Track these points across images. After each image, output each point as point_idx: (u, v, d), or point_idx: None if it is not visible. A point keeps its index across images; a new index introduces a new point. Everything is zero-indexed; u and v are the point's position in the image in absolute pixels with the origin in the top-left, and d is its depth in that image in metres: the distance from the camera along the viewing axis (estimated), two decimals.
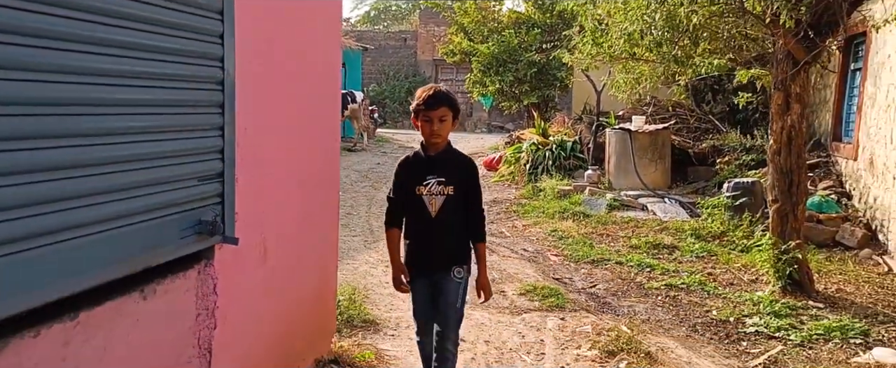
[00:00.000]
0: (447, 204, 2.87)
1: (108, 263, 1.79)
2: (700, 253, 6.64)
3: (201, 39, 2.08)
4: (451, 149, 2.97)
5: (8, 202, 1.46)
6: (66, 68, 1.59)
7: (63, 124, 1.60)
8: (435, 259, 2.95)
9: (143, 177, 1.89)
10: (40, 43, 1.51)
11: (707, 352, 4.22)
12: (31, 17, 1.47)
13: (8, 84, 1.44)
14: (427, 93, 2.85)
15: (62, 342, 1.67)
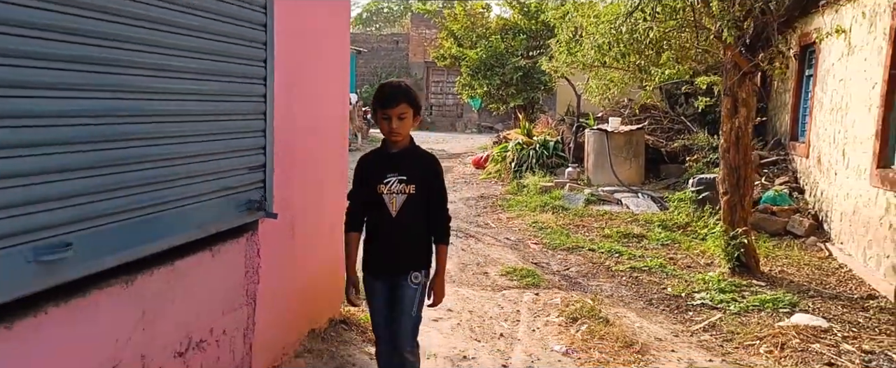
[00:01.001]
0: (408, 203, 2.76)
1: (193, 228, 2.52)
2: (665, 241, 7.39)
3: (254, 65, 2.80)
4: (415, 147, 2.87)
5: (138, 180, 2.18)
6: (168, 90, 2.31)
7: (167, 128, 2.32)
8: (394, 261, 2.84)
9: (213, 166, 2.60)
10: (158, 74, 2.23)
11: (657, 320, 4.96)
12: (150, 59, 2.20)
13: (139, 103, 2.16)
14: (385, 90, 2.74)
15: (165, 280, 2.39)
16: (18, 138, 1.72)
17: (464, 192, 10.67)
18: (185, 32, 2.35)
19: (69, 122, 1.88)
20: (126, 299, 2.20)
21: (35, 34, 1.73)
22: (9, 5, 1.65)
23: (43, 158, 1.79)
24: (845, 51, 7.12)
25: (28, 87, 1.73)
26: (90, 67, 1.93)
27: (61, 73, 1.83)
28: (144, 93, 2.18)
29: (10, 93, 1.69)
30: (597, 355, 4.12)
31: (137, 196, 2.17)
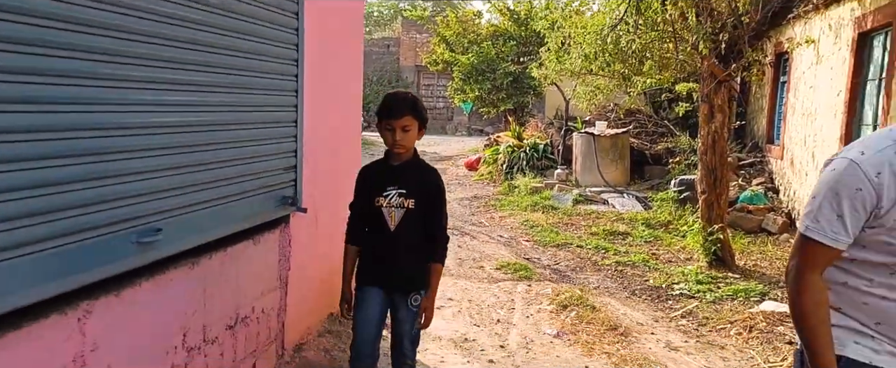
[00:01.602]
0: (407, 218, 2.68)
1: (242, 220, 2.96)
2: (648, 238, 7.88)
3: (288, 79, 3.24)
4: (417, 160, 2.78)
5: (206, 179, 2.62)
6: (224, 103, 2.75)
7: (226, 135, 2.76)
8: (392, 278, 2.76)
9: (257, 168, 3.05)
10: (209, 92, 2.67)
11: (640, 308, 5.44)
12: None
13: (209, 115, 2.60)
14: (390, 100, 2.67)
15: (220, 263, 2.83)
16: (128, 144, 2.15)
17: (458, 193, 11.13)
18: (241, 56, 2.80)
19: (163, 132, 2.32)
20: (193, 277, 2.64)
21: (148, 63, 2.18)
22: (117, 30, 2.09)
23: (143, 160, 2.23)
24: (815, 60, 7.65)
25: (132, 104, 2.17)
26: (177, 92, 2.37)
27: (166, 94, 2.27)
28: (211, 109, 2.62)
29: (130, 109, 2.13)
30: (585, 337, 4.59)
31: (205, 192, 2.62)
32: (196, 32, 2.48)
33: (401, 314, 2.78)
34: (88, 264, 2.05)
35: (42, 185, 1.85)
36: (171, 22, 2.33)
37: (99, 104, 2.04)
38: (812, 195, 1.72)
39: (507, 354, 4.28)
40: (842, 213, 1.63)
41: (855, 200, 1.62)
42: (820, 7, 7.32)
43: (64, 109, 1.91)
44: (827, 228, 1.65)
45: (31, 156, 1.81)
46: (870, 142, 1.66)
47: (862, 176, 1.60)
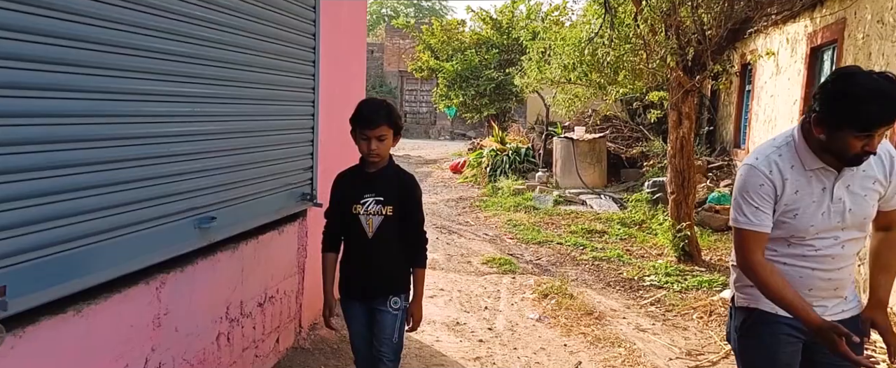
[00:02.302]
0: (385, 225, 2.68)
1: (271, 213, 3.46)
2: (623, 236, 8.45)
3: (306, 91, 3.75)
4: (393, 166, 2.77)
5: (248, 177, 3.12)
6: (259, 112, 3.25)
7: (262, 141, 3.26)
8: (372, 284, 2.76)
9: (283, 168, 3.55)
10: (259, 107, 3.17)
11: (614, 296, 5.99)
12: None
13: (249, 124, 3.10)
14: (365, 109, 2.62)
15: (254, 249, 3.33)
16: (188, 149, 2.65)
17: (444, 194, 11.66)
18: (270, 73, 3.30)
19: (212, 138, 2.82)
20: (234, 260, 3.13)
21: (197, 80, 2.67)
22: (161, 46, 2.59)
23: (199, 162, 2.73)
24: (775, 71, 8.29)
25: (189, 116, 2.67)
26: (219, 105, 2.87)
27: (211, 106, 2.77)
28: (246, 118, 3.12)
29: (188, 120, 2.63)
30: (563, 320, 5.13)
31: (244, 188, 3.12)
32: (236, 55, 2.98)
33: (379, 317, 2.76)
34: (163, 244, 2.54)
35: (130, 181, 2.34)
36: (215, 46, 2.83)
37: (166, 116, 2.53)
38: (733, 197, 2.27)
39: (494, 335, 4.80)
40: (758, 205, 2.18)
41: (762, 193, 2.17)
42: (778, 23, 7.96)
43: (144, 121, 2.40)
44: (752, 219, 2.19)
45: (123, 158, 2.30)
46: (760, 150, 2.22)
47: (761, 175, 2.15)
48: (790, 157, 2.16)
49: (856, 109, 1.95)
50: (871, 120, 1.95)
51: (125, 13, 2.21)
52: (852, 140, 2.00)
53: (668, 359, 4.40)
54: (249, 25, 3.04)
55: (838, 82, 2.00)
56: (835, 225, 2.16)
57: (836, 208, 2.15)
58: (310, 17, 3.70)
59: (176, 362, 2.70)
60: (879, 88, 1.93)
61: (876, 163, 2.17)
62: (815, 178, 2.15)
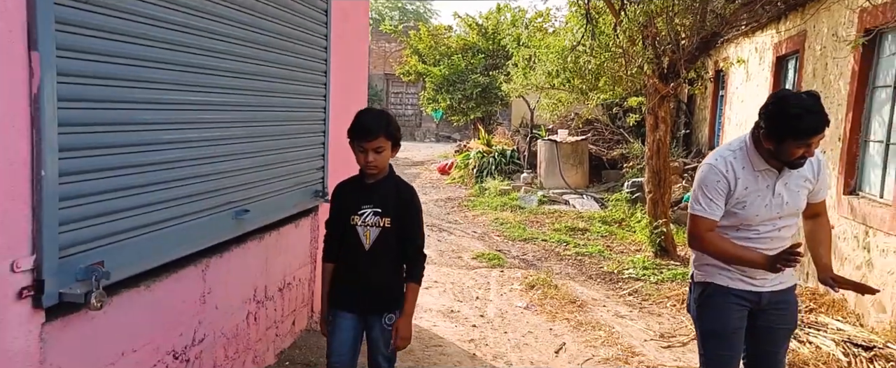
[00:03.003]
0: (382, 237, 2.62)
1: (290, 207, 3.88)
2: (604, 233, 8.94)
3: (318, 99, 4.17)
4: (393, 177, 2.70)
5: (275, 176, 3.53)
6: (280, 118, 3.66)
7: (282, 144, 3.67)
8: (366, 299, 2.69)
9: (299, 168, 3.96)
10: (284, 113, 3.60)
11: (595, 287, 6.47)
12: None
13: (272, 128, 3.52)
14: (364, 121, 2.56)
15: (275, 239, 3.75)
16: (224, 151, 3.07)
17: (433, 195, 12.10)
18: (290, 83, 3.72)
19: (243, 142, 3.24)
20: (260, 248, 3.55)
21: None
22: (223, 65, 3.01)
23: (238, 162, 3.15)
24: (745, 77, 8.83)
25: (226, 123, 3.09)
26: (245, 112, 3.29)
27: (239, 114, 3.19)
28: (271, 124, 3.54)
29: (225, 126, 3.04)
30: (549, 308, 5.59)
31: (272, 184, 3.54)
32: (263, 67, 3.40)
33: (375, 333, 2.70)
34: (208, 233, 2.96)
35: (184, 179, 2.75)
36: (248, 61, 3.25)
37: (211, 124, 2.95)
38: (693, 189, 2.73)
39: (486, 321, 5.25)
40: (712, 198, 2.64)
41: (718, 188, 2.63)
42: (748, 33, 8.50)
43: (194, 128, 2.82)
44: (707, 208, 2.65)
45: (179, 160, 2.71)
46: (718, 152, 2.69)
47: (718, 172, 2.62)
48: (742, 159, 2.63)
49: (792, 124, 2.42)
50: (806, 131, 2.42)
51: (184, 36, 2.63)
52: (794, 148, 2.47)
53: (643, 340, 4.87)
54: (273, 42, 3.46)
55: (776, 105, 2.48)
56: (775, 214, 2.63)
57: (776, 201, 2.62)
58: (322, 32, 4.13)
59: (216, 336, 3.11)
60: (807, 106, 2.41)
61: (807, 165, 2.64)
62: (761, 177, 2.62)
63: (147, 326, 2.55)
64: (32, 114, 1.89)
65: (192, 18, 2.68)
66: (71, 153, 2.04)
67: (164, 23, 2.48)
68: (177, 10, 2.56)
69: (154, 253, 2.53)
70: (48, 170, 1.93)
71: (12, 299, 1.87)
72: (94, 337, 2.23)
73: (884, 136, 4.98)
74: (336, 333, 2.73)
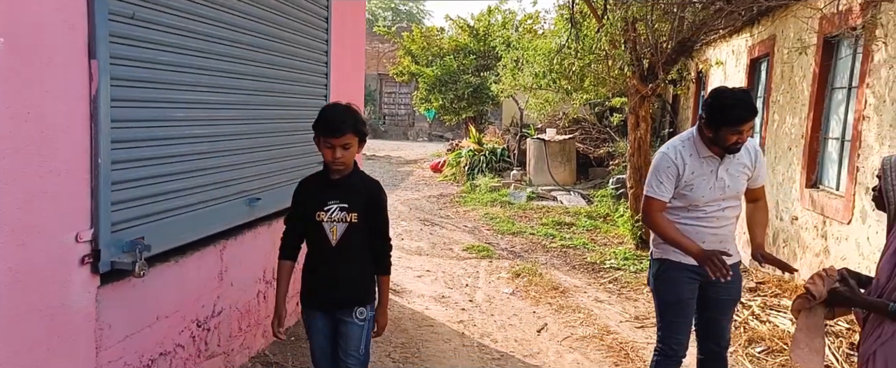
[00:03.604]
0: (349, 232, 2.60)
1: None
2: (589, 227, 9.36)
3: (320, 100, 4.56)
4: (358, 172, 2.69)
5: (282, 168, 3.92)
6: (286, 115, 4.05)
7: (286, 140, 4.06)
8: (336, 294, 2.66)
9: (302, 161, 4.35)
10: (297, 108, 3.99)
11: (577, 276, 6.88)
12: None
13: (277, 125, 3.91)
14: (329, 118, 2.53)
15: (280, 226, 4.14)
16: (241, 145, 3.46)
17: (426, 191, 12.50)
18: (297, 85, 4.11)
19: (257, 137, 3.63)
20: (268, 233, 3.94)
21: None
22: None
23: (251, 155, 3.54)
24: (723, 78, 9.26)
25: (243, 120, 3.48)
26: (260, 110, 3.67)
27: (253, 111, 3.58)
28: (279, 121, 3.93)
29: (242, 123, 3.43)
30: (533, 294, 6.00)
31: (280, 176, 3.93)
32: (273, 70, 3.80)
33: (344, 328, 2.68)
34: (226, 217, 3.35)
35: (207, 169, 3.14)
36: (261, 66, 3.65)
37: (230, 120, 3.34)
38: (648, 174, 3.14)
39: (474, 305, 5.65)
40: (663, 181, 3.05)
41: (669, 173, 3.04)
42: (725, 36, 8.93)
43: (216, 124, 3.21)
44: (658, 190, 3.07)
45: (204, 152, 3.10)
46: (671, 143, 3.10)
47: (669, 160, 3.03)
48: (690, 148, 3.05)
49: (726, 114, 2.84)
50: (738, 119, 2.84)
51: (210, 45, 3.02)
52: (728, 134, 2.89)
53: (618, 322, 5.29)
54: (281, 47, 3.85)
55: (713, 98, 2.90)
56: (718, 196, 3.05)
57: (719, 184, 3.04)
58: (323, 38, 4.52)
59: (231, 310, 3.51)
60: (738, 98, 2.84)
61: (746, 154, 3.06)
62: (706, 163, 3.03)
63: (176, 296, 2.94)
64: (91, 112, 2.28)
65: (217, 30, 3.07)
66: (120, 145, 2.43)
67: (193, 34, 2.87)
68: (205, 23, 2.96)
69: (183, 233, 2.92)
70: (103, 159, 2.32)
71: (76, 264, 2.26)
72: (136, 302, 2.62)
73: (840, 134, 5.41)
74: (313, 336, 2.74)
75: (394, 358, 4.26)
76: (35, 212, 2.08)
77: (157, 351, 2.82)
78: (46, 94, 2.09)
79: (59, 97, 2.14)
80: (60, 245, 2.19)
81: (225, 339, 3.47)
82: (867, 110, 4.77)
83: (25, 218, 2.05)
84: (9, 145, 1.97)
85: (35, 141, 2.06)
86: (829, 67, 5.69)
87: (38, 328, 2.14)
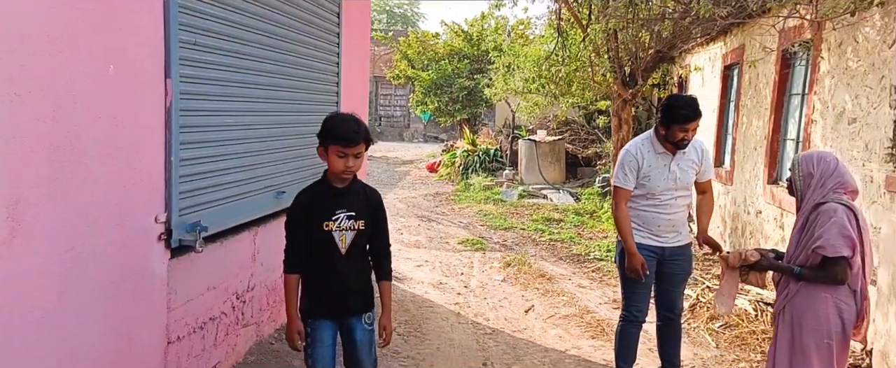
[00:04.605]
0: (357, 240, 2.67)
1: None
2: (576, 223, 9.98)
3: (333, 104, 5.17)
4: (358, 181, 2.76)
5: (302, 166, 4.53)
6: (304, 109, 4.65)
7: (304, 141, 4.66)
8: (346, 302, 2.73)
9: (317, 161, 4.95)
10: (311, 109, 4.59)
11: (564, 266, 7.49)
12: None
13: (297, 129, 4.52)
14: (346, 128, 2.57)
15: None
16: (268, 146, 4.06)
17: (422, 190, 13.12)
18: (315, 93, 4.71)
19: (283, 138, 4.23)
20: None
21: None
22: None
23: (279, 153, 4.14)
24: (701, 83, 9.91)
25: (268, 126, 4.08)
26: (291, 116, 4.27)
27: (289, 117, 4.19)
28: (301, 125, 4.52)
29: (268, 128, 4.03)
30: (522, 280, 6.61)
31: (300, 173, 4.53)
32: (294, 81, 4.40)
33: (357, 335, 2.75)
34: (259, 207, 3.95)
35: (245, 166, 3.74)
36: (285, 77, 4.25)
37: (263, 125, 3.94)
38: (615, 167, 3.76)
39: (469, 290, 6.26)
40: (627, 173, 3.67)
41: (631, 166, 3.66)
42: (703, 44, 9.58)
43: (250, 129, 3.81)
44: (622, 180, 3.69)
45: (243, 152, 3.70)
46: (633, 141, 3.74)
47: (631, 155, 3.65)
48: (649, 145, 3.67)
49: (676, 114, 3.46)
50: (685, 118, 3.47)
51: (248, 63, 3.62)
52: (678, 131, 3.52)
53: (598, 304, 5.91)
54: (301, 61, 4.46)
55: (667, 101, 3.55)
56: (671, 186, 3.67)
57: (671, 176, 3.66)
58: (335, 52, 5.12)
59: (261, 286, 4.11)
60: (686, 102, 3.49)
61: (694, 152, 3.69)
62: (661, 158, 3.65)
63: (221, 272, 3.54)
64: (166, 120, 2.88)
65: (254, 49, 3.68)
66: (185, 146, 3.04)
67: (238, 55, 3.49)
68: (246, 44, 3.57)
69: (227, 219, 3.53)
70: (174, 157, 2.93)
71: (155, 240, 2.87)
72: (193, 274, 3.22)
73: (795, 135, 6.04)
74: (318, 347, 2.72)
75: (399, 332, 4.86)
76: (128, 199, 2.68)
77: (207, 316, 3.42)
78: (138, 106, 2.69)
79: (145, 108, 2.74)
80: (145, 225, 2.79)
81: (256, 311, 4.07)
82: (815, 114, 5.41)
83: (122, 203, 2.65)
84: (112, 146, 2.57)
85: (130, 142, 2.66)
86: (787, 76, 6.34)
87: (132, 287, 2.75)
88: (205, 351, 3.42)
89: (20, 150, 2.12)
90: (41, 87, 2.19)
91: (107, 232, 2.57)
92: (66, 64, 2.29)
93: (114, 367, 2.69)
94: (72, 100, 2.33)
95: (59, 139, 2.28)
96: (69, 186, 2.34)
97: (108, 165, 2.54)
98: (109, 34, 2.51)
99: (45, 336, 2.29)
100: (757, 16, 5.93)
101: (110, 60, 2.51)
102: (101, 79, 2.47)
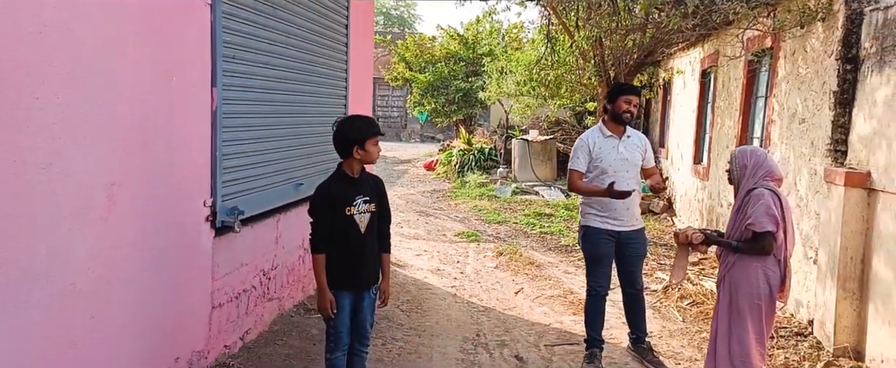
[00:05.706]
0: (372, 220, 3.14)
1: None
2: (566, 218, 10.58)
3: (342, 104, 5.77)
4: (365, 171, 3.22)
5: (319, 161, 5.13)
6: (319, 111, 5.25)
7: (318, 139, 5.26)
8: (365, 274, 3.19)
9: (331, 156, 5.55)
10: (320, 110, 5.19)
11: (552, 255, 8.10)
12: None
13: (312, 128, 5.13)
14: (373, 123, 3.19)
15: None
16: (287, 144, 4.65)
17: (420, 187, 13.72)
18: (325, 88, 5.31)
19: (302, 137, 4.83)
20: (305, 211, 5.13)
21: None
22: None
23: (298, 149, 4.74)
24: (682, 85, 10.53)
25: (285, 127, 4.68)
26: (307, 117, 4.87)
27: (305, 118, 4.79)
28: (317, 124, 5.11)
29: (293, 126, 4.63)
30: (513, 267, 7.22)
31: (317, 166, 5.13)
32: (313, 87, 4.99)
33: (365, 303, 3.24)
34: (281, 197, 4.55)
35: (270, 161, 4.33)
36: (305, 84, 4.85)
37: (285, 125, 4.54)
38: (571, 153, 4.37)
39: (464, 276, 6.87)
40: (580, 157, 4.29)
41: (583, 151, 4.28)
42: (684, 48, 10.20)
43: (275, 128, 4.40)
44: (576, 164, 4.31)
45: (269, 149, 4.29)
46: (588, 130, 4.37)
47: (583, 141, 4.29)
48: (598, 132, 4.31)
49: (621, 87, 4.15)
50: (628, 91, 4.20)
51: (275, 71, 4.22)
52: (621, 102, 4.17)
53: (580, 287, 6.50)
54: (316, 67, 5.05)
55: (614, 84, 4.24)
56: (621, 166, 4.27)
57: (620, 157, 4.27)
58: (343, 59, 5.72)
59: (282, 267, 4.71)
60: (627, 83, 4.22)
61: (638, 139, 4.33)
62: (609, 140, 4.28)
63: (251, 251, 4.14)
64: (212, 121, 3.48)
65: (280, 60, 4.28)
66: (226, 142, 3.64)
67: (268, 65, 4.09)
68: (275, 56, 4.17)
69: (257, 205, 4.13)
70: (219, 152, 3.53)
71: (203, 221, 3.47)
72: (231, 251, 3.83)
73: (759, 134, 6.67)
74: (341, 315, 3.16)
75: (402, 309, 5.46)
76: (186, 186, 3.28)
77: (241, 288, 4.02)
78: (191, 110, 3.29)
79: (196, 111, 3.35)
80: (196, 208, 3.40)
81: (279, 288, 4.67)
82: (774, 115, 6.03)
83: (179, 190, 3.25)
84: (175, 143, 3.17)
85: (187, 140, 3.26)
86: (753, 80, 6.96)
87: (188, 258, 3.35)
88: (239, 318, 4.02)
89: (117, 145, 2.72)
90: (128, 99, 2.79)
91: (170, 212, 3.17)
92: (145, 79, 2.90)
93: (175, 322, 3.29)
94: (147, 106, 2.93)
95: (142, 137, 2.88)
96: (149, 174, 2.94)
97: (172, 158, 3.15)
98: (170, 53, 3.11)
99: (129, 295, 2.90)
100: (721, 27, 6.55)
101: (173, 74, 3.11)
102: (167, 89, 3.08)
